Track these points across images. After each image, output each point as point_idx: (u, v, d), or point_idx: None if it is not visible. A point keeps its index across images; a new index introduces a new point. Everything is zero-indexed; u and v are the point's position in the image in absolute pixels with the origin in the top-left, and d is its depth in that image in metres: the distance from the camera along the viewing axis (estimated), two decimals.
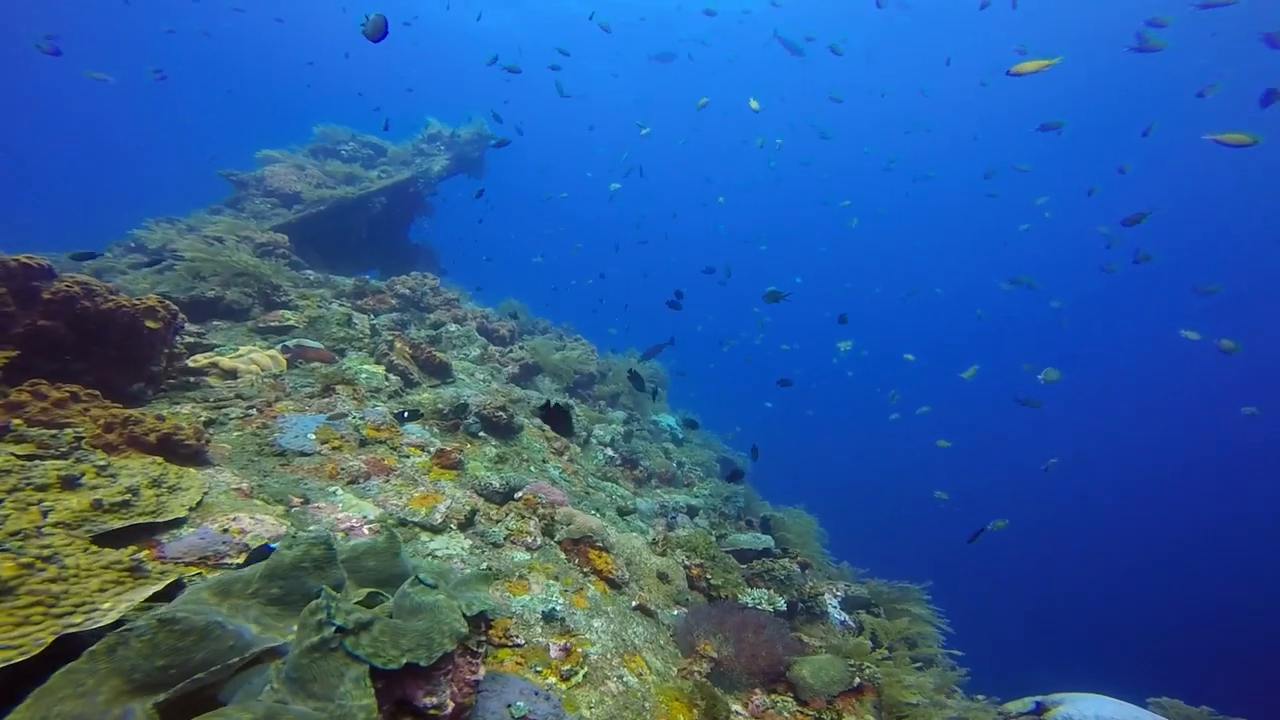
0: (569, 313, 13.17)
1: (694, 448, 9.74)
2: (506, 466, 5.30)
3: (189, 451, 3.73)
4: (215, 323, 7.04)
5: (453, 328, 8.55)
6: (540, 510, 4.46)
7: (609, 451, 7.39)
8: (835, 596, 5.61)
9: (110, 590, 2.17)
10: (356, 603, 2.20)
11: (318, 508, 3.77)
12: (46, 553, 2.09)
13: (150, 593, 2.26)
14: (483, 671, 2.47)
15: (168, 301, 4.94)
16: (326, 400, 5.24)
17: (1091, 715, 4.36)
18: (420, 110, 15.05)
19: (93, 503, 2.72)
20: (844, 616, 5.35)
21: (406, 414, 5.40)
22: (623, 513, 5.77)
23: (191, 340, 5.92)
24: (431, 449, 5.00)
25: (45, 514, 2.51)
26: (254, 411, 4.78)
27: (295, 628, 2.34)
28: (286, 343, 6.42)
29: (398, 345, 6.69)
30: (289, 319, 7.24)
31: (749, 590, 4.84)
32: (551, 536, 4.38)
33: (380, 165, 12.57)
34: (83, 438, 3.22)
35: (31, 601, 1.99)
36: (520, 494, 4.68)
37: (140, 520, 2.85)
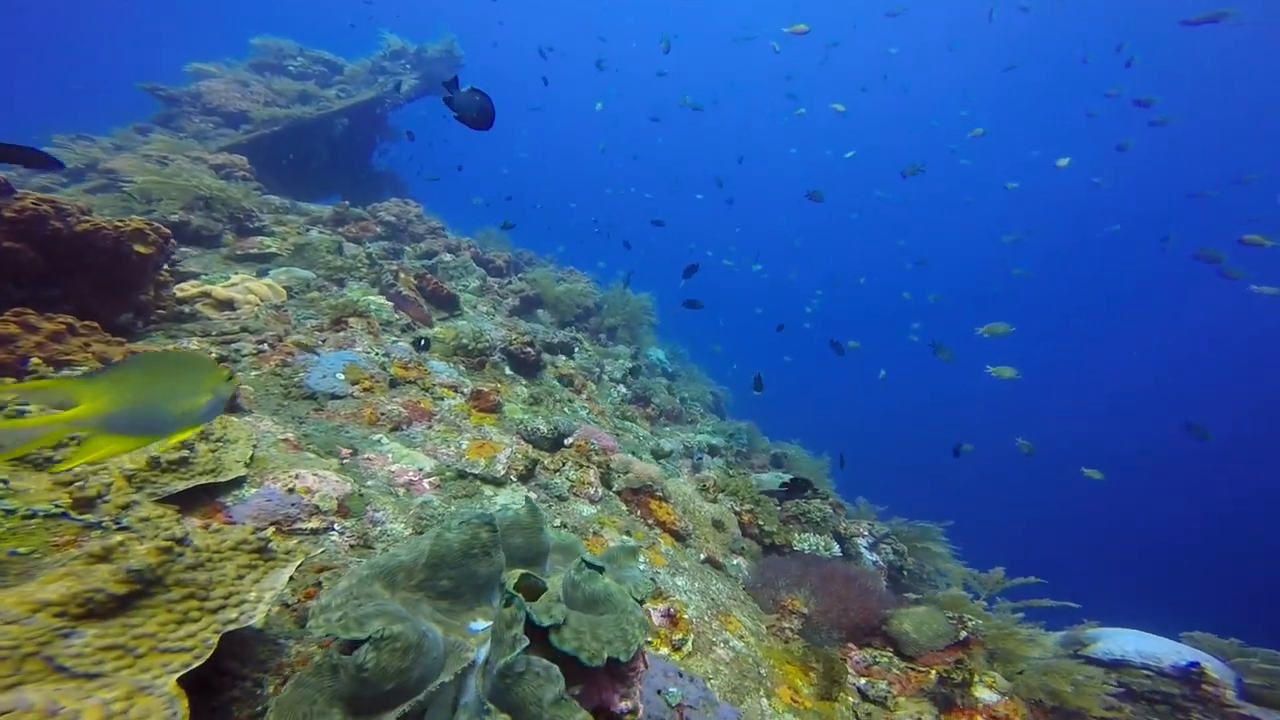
0: (549, 244, 12.63)
1: (688, 382, 9.61)
2: (542, 408, 5.01)
3: None
4: (184, 249, 6.35)
5: (447, 257, 8.00)
6: (595, 458, 4.23)
7: (622, 389, 7.17)
8: (862, 538, 5.66)
9: (248, 576, 1.85)
10: (513, 586, 1.96)
11: (368, 459, 3.45)
12: (171, 532, 1.75)
13: (288, 577, 1.95)
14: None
15: (156, 224, 4.34)
16: (342, 335, 4.79)
17: (1132, 650, 4.54)
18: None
19: (149, 460, 2.34)
20: (875, 557, 5.41)
21: (423, 342, 5.02)
22: (657, 455, 5.60)
23: (166, 273, 5.30)
24: (465, 390, 4.67)
25: (109, 484, 2.13)
26: (266, 347, 4.32)
27: (474, 625, 2.09)
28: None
29: (402, 276, 6.18)
30: (269, 246, 6.59)
31: (799, 536, 4.80)
32: (609, 487, 4.18)
33: (337, 84, 11.43)
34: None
35: (184, 594, 1.66)
36: (570, 440, 4.43)
37: (202, 481, 2.49)
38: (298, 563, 1.99)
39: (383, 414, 3.87)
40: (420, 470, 3.46)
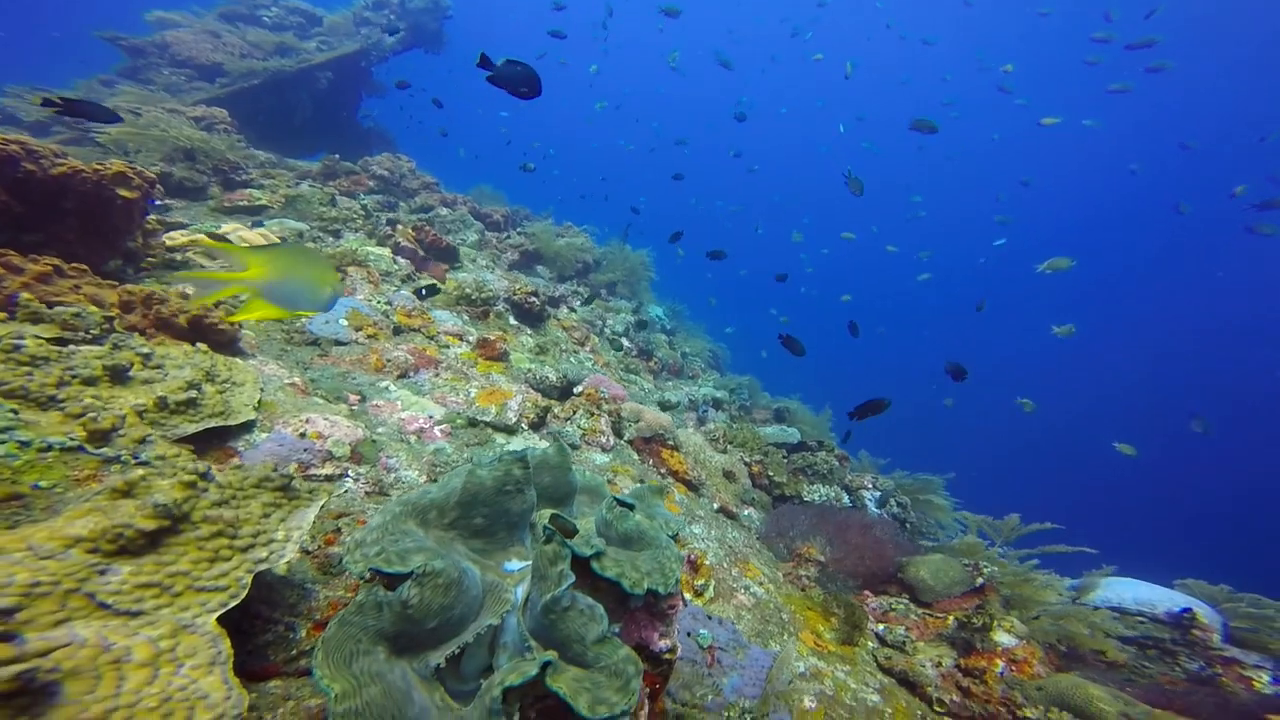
0: (546, 203, 12.31)
1: (687, 338, 9.52)
2: (548, 357, 4.91)
3: (223, 339, 3.16)
4: (169, 201, 6.09)
5: (443, 211, 7.77)
6: (606, 406, 4.15)
7: (625, 342, 7.06)
8: (867, 490, 5.66)
9: (273, 514, 1.75)
10: (544, 526, 1.88)
11: (377, 406, 3.34)
12: (193, 467, 1.64)
13: (313, 516, 1.86)
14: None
15: (138, 167, 4.12)
16: (344, 284, 4.63)
17: (1129, 598, 4.61)
18: None
19: (157, 400, 2.21)
20: (880, 511, 5.42)
21: (424, 290, 4.88)
22: (663, 407, 5.53)
23: (153, 221, 5.07)
24: (470, 338, 4.54)
25: (122, 417, 2.01)
26: None
27: (509, 564, 2.02)
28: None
29: (400, 228, 5.97)
30: (259, 198, 6.35)
31: (809, 487, 4.77)
32: (620, 436, 4.10)
33: (316, 36, 10.92)
34: (113, 318, 2.63)
35: (213, 532, 1.56)
36: (580, 389, 4.33)
37: (212, 423, 2.37)
38: (322, 502, 1.90)
39: (389, 361, 3.75)
40: (430, 418, 3.36)
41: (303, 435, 2.64)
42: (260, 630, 2.00)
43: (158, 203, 4.35)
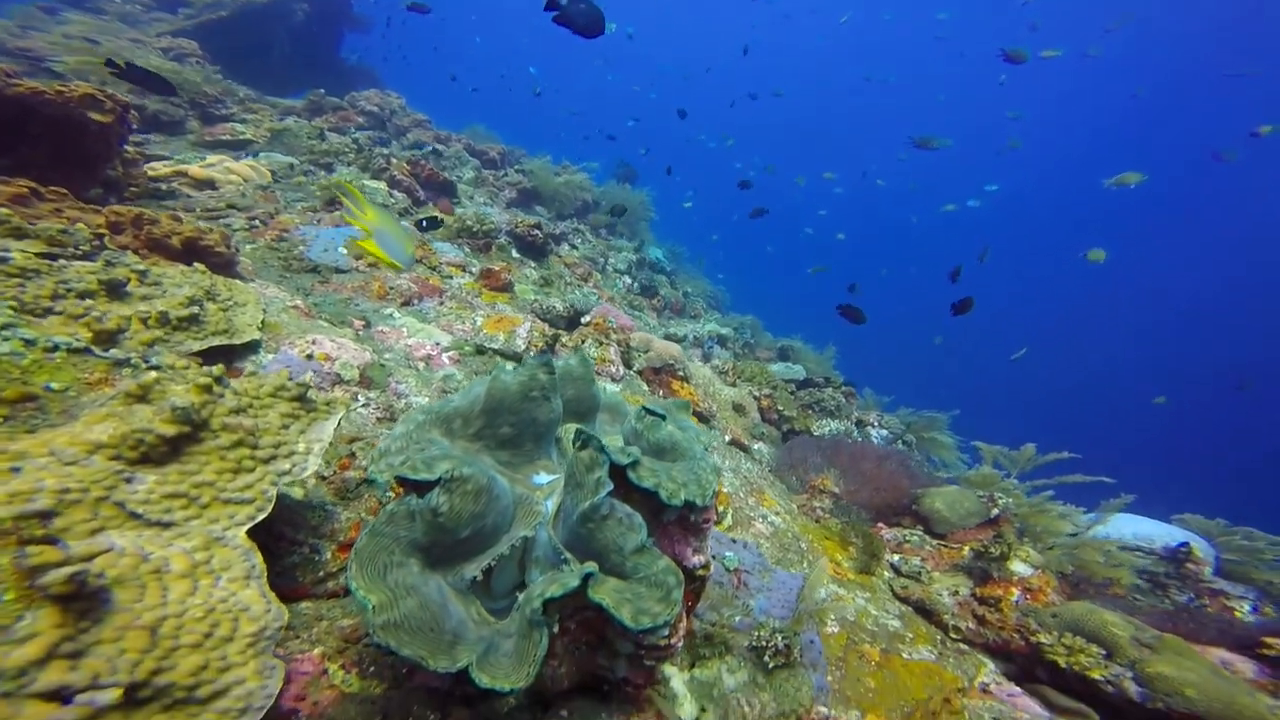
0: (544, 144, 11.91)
1: (688, 279, 9.38)
2: (553, 289, 4.77)
3: (220, 260, 3.01)
4: (146, 136, 5.78)
5: (437, 148, 7.46)
6: (614, 336, 4.04)
7: (626, 279, 6.92)
8: (873, 427, 5.65)
9: (292, 425, 1.65)
10: (571, 440, 1.79)
11: (382, 332, 3.22)
12: (206, 371, 1.54)
13: (333, 429, 1.76)
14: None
15: (109, 91, 3.85)
16: (337, 214, 4.44)
17: (1128, 533, 4.64)
18: None
19: (159, 315, 2.08)
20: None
21: (425, 223, 4.70)
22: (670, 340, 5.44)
23: (133, 151, 4.81)
24: (473, 269, 4.40)
25: (127, 318, 1.89)
26: (258, 223, 3.97)
27: (537, 478, 1.93)
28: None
29: (394, 161, 5.72)
30: (243, 133, 6.05)
31: (818, 422, 4.74)
32: (630, 366, 4.01)
33: None
34: (102, 235, 2.47)
35: (234, 440, 1.46)
36: (587, 318, 4.22)
37: (217, 341, 2.25)
38: (340, 414, 1.81)
39: (392, 288, 3.61)
40: (438, 345, 3.25)
41: (309, 357, 2.53)
42: (286, 552, 1.93)
43: (134, 126, 4.09)
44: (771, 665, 2.15)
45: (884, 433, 5.59)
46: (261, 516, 1.45)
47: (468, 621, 1.58)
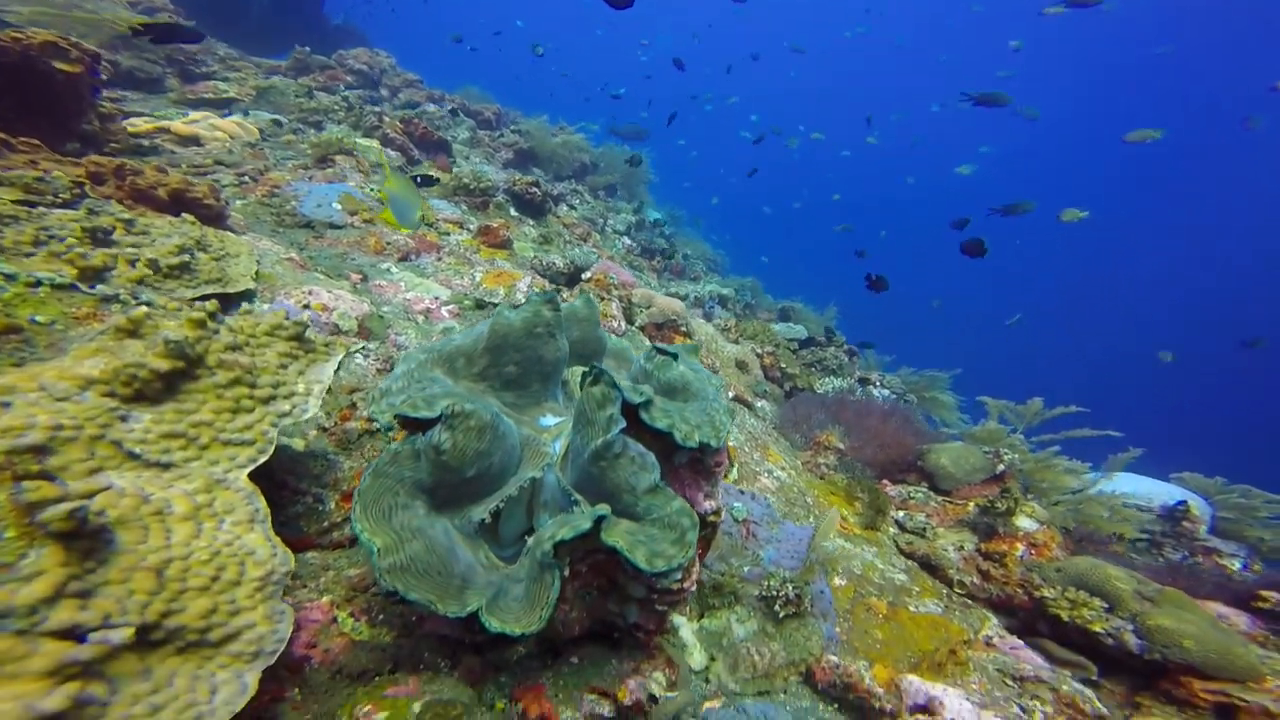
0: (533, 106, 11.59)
1: (687, 241, 9.26)
2: (552, 248, 4.68)
3: (210, 213, 2.92)
4: (123, 94, 5.58)
5: (430, 108, 7.29)
6: (616, 291, 3.97)
7: (626, 240, 6.82)
8: (875, 387, 5.61)
9: (291, 366, 1.60)
10: (577, 384, 1.73)
11: (380, 286, 3.15)
12: (200, 306, 1.48)
13: (332, 371, 1.70)
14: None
15: (73, 39, 3.68)
16: (330, 171, 4.32)
17: (1128, 492, 4.66)
18: None
19: (149, 262, 2.01)
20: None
21: (420, 179, 4.58)
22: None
23: (110, 106, 4.64)
24: (470, 226, 4.30)
25: (114, 256, 1.81)
26: (248, 179, 3.86)
27: (544, 419, 1.88)
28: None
29: (387, 120, 5.57)
30: (226, 90, 5.86)
31: (820, 380, 4.70)
32: (631, 321, 3.95)
33: None
34: (83, 184, 2.38)
35: (231, 379, 1.41)
36: (588, 274, 4.14)
37: (210, 290, 2.18)
38: (340, 356, 1.75)
39: (389, 243, 3.53)
40: (437, 299, 3.18)
41: (306, 307, 2.46)
42: (289, 501, 1.89)
43: (104, 77, 3.94)
44: (782, 615, 2.13)
45: (885, 392, 5.55)
46: (263, 459, 1.40)
47: (476, 566, 1.55)
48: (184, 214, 2.58)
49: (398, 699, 1.53)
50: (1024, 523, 3.49)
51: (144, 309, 1.41)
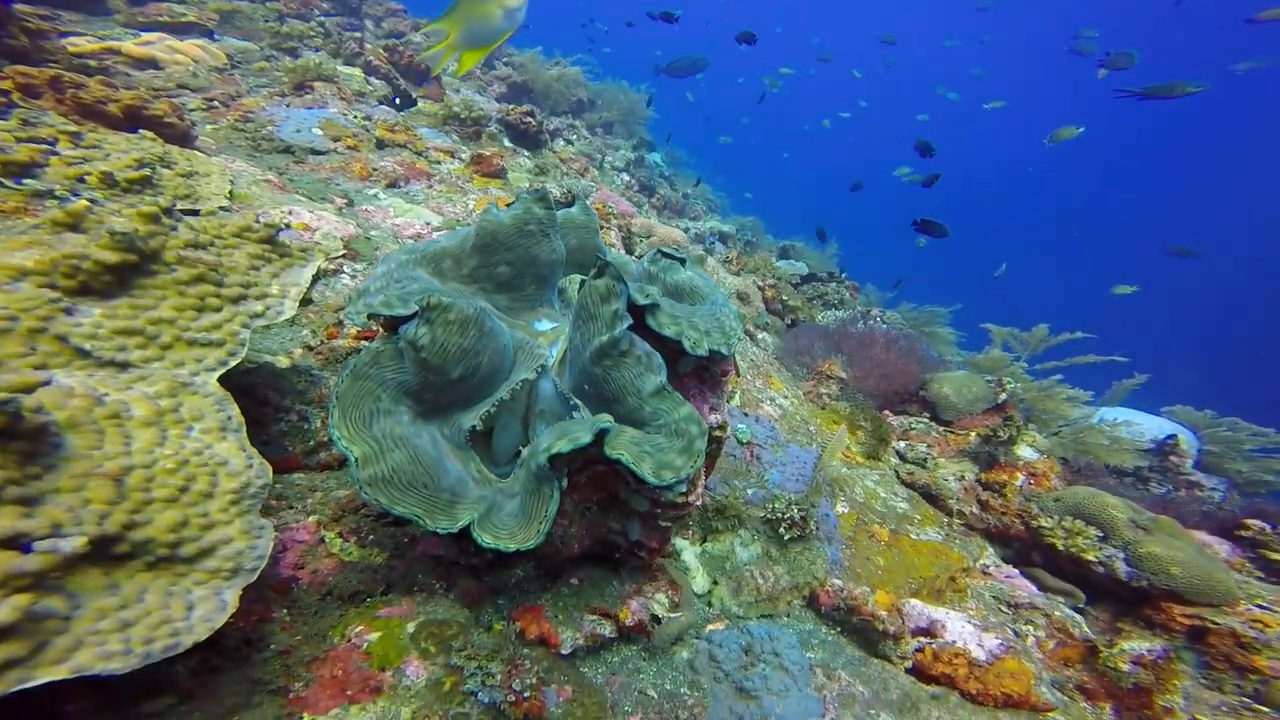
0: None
1: (687, 182, 9.00)
2: (548, 178, 4.50)
3: (173, 133, 2.74)
4: (58, 12, 5.20)
5: (417, 38, 6.92)
6: (615, 220, 3.82)
7: (625, 177, 6.60)
8: (875, 321, 5.50)
9: (263, 269, 1.48)
10: (596, 257, 1.62)
11: (367, 211, 3.00)
12: (153, 200, 1.35)
13: (310, 275, 1.58)
14: None
15: None
16: (309, 98, 4.09)
17: (1121, 421, 4.61)
18: None
19: (103, 175, 1.86)
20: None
21: (398, 99, 4.36)
22: None
23: (37, 23, 4.30)
24: (462, 156, 4.11)
25: (45, 153, 1.67)
26: (217, 105, 3.64)
27: (539, 323, 1.78)
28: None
29: (369, 46, 5.27)
30: (185, 14, 5.48)
31: (823, 313, 4.59)
32: (631, 252, 3.81)
33: None
34: (8, 92, 2.19)
35: (193, 276, 1.29)
36: (587, 202, 3.97)
37: (180, 207, 2.03)
38: (318, 262, 1.63)
39: (375, 170, 3.36)
40: (428, 224, 3.05)
41: (286, 226, 2.33)
42: (272, 419, 1.80)
43: None
44: (786, 538, 2.08)
45: (884, 327, 5.45)
46: (234, 361, 1.30)
47: (467, 479, 1.47)
48: (143, 131, 2.40)
49: (391, 619, 1.48)
50: (1025, 452, 3.45)
51: (85, 202, 1.28)
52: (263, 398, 1.78)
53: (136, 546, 1.08)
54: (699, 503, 1.52)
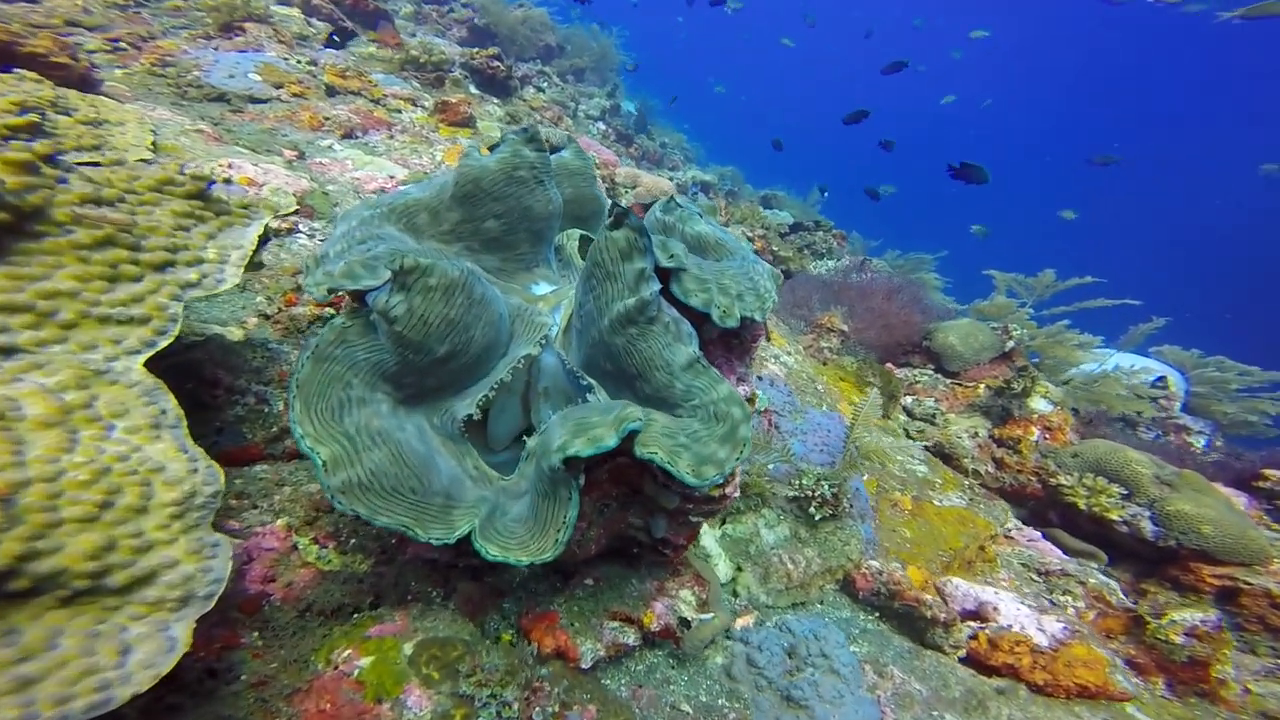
0: None
1: (664, 131, 8.62)
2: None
3: (67, 75, 2.33)
4: None
5: None
6: (598, 170, 3.50)
7: (600, 125, 6.22)
8: (876, 272, 5.32)
9: (194, 229, 1.17)
10: (615, 205, 1.35)
11: (321, 164, 2.66)
12: (24, 145, 1.05)
13: (254, 235, 1.29)
14: None
15: None
16: (240, 40, 3.64)
17: (1111, 369, 4.53)
18: None
19: None
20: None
21: (334, 36, 3.93)
22: None
23: None
24: (425, 104, 3.73)
25: None
26: (124, 46, 3.19)
27: (536, 286, 1.50)
28: None
29: None
30: None
31: (814, 262, 4.38)
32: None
33: None
34: None
35: (98, 239, 0.99)
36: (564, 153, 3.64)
37: (82, 158, 1.68)
38: (264, 220, 1.34)
39: (328, 119, 3.00)
40: (392, 178, 2.73)
41: (228, 181, 1.99)
42: (226, 403, 1.53)
43: None
44: (818, 517, 1.88)
45: (885, 277, 5.28)
46: (165, 341, 1.02)
47: (463, 478, 1.22)
48: (20, 70, 2.01)
49: (384, 639, 1.25)
50: (1039, 404, 3.31)
51: None
52: (212, 378, 1.49)
53: (41, 580, 0.85)
54: (736, 494, 1.30)
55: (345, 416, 1.05)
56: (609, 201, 1.79)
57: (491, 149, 1.48)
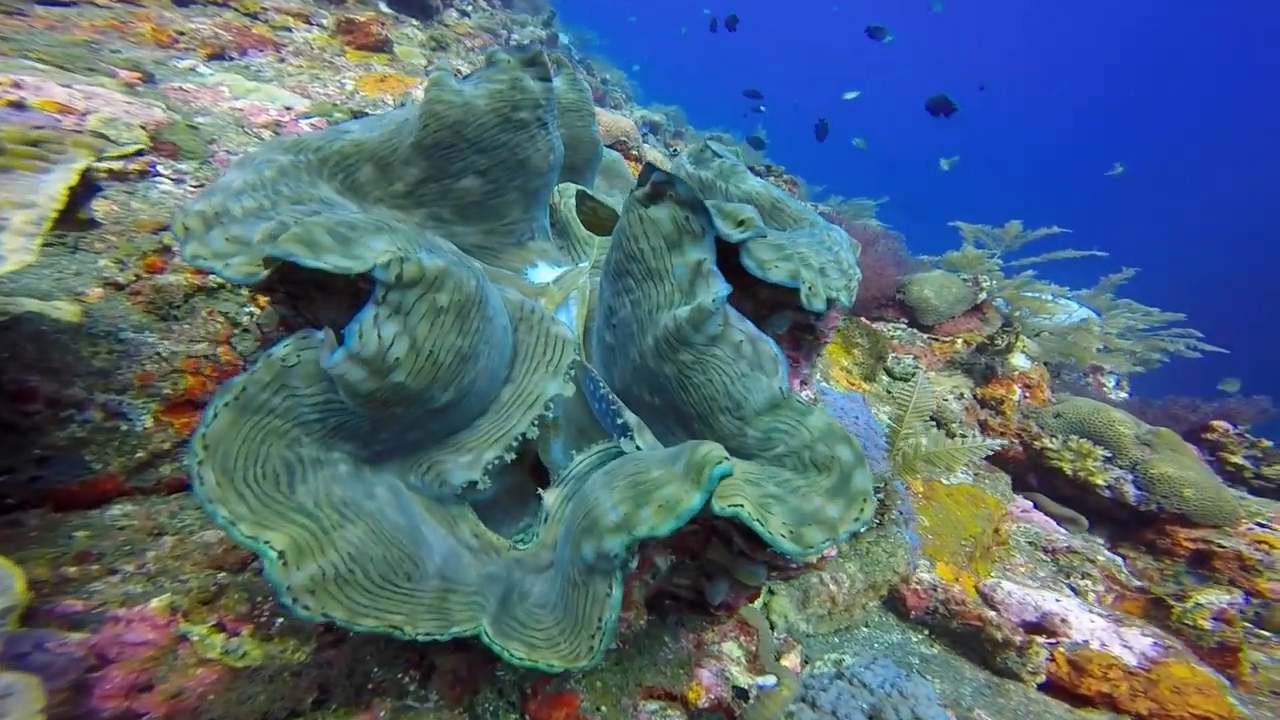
0: None
1: (604, 67, 7.97)
2: (450, 54, 3.52)
3: None
4: None
5: None
6: None
7: None
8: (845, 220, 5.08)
9: None
10: (648, 164, 0.93)
11: (183, 91, 2.06)
12: None
13: (61, 187, 0.81)
14: None
15: None
16: None
17: (1081, 314, 4.53)
18: None
19: None
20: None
21: None
22: None
23: None
24: (322, 20, 3.07)
25: None
26: None
27: (532, 271, 1.06)
28: None
29: None
30: None
31: None
32: None
33: None
34: None
35: None
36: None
37: None
38: (78, 165, 0.87)
39: (181, 34, 2.35)
40: (288, 108, 2.17)
41: (17, 105, 1.41)
42: (50, 421, 1.04)
43: None
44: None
45: (860, 225, 5.06)
46: None
47: (460, 551, 0.81)
48: None
49: None
50: (1019, 360, 3.19)
51: None
52: (23, 385, 1.00)
53: None
54: (834, 552, 0.96)
55: (297, 484, 0.62)
56: (606, 148, 1.37)
57: (467, 77, 1.02)
